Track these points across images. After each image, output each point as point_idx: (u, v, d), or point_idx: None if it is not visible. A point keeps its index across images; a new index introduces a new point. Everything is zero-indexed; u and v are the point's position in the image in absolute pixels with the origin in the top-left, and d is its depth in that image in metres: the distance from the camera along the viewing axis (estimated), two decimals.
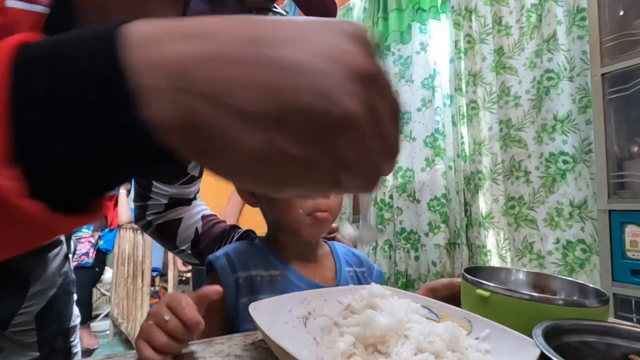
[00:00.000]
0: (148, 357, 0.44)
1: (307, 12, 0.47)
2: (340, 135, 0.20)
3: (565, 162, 1.58)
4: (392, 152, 0.23)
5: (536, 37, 1.66)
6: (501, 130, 1.73)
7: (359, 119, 0.20)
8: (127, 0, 0.41)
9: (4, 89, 0.17)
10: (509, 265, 1.69)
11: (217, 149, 0.19)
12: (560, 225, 1.57)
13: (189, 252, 0.80)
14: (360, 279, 0.72)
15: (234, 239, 0.77)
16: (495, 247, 1.79)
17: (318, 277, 0.67)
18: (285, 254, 0.66)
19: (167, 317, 0.45)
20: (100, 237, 3.38)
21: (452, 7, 1.94)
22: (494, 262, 1.77)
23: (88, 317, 3.10)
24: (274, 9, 0.45)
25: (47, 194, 0.18)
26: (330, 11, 0.48)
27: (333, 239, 0.79)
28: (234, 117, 0.18)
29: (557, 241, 1.57)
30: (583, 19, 1.53)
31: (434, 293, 0.69)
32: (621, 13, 1.26)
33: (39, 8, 0.40)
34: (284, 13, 0.47)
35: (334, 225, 0.76)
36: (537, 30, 1.65)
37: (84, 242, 3.20)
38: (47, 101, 0.18)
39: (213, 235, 0.80)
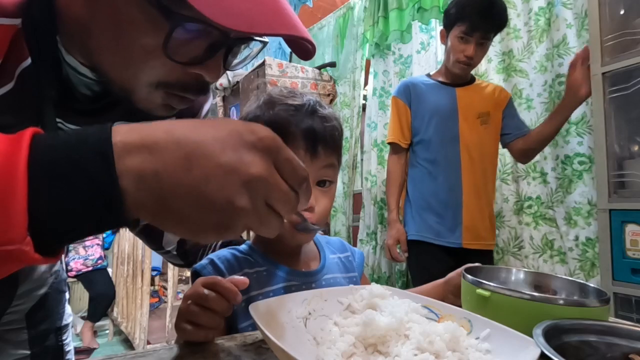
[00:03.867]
0: (193, 334, 0.47)
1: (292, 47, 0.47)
2: (234, 220, 0.31)
3: (581, 163, 1.60)
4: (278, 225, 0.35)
5: (546, 40, 1.68)
6: None
7: (244, 209, 0.31)
8: (111, 27, 0.42)
9: (22, 192, 0.26)
10: (524, 263, 1.73)
11: (161, 225, 0.32)
12: (579, 223, 1.59)
13: (174, 252, 0.80)
14: (345, 265, 0.72)
15: (219, 243, 0.77)
16: (507, 246, 1.81)
17: (303, 266, 0.66)
18: (271, 254, 0.65)
19: (206, 292, 0.48)
20: (103, 239, 3.39)
21: None
22: (506, 260, 1.80)
23: (104, 313, 3.10)
24: (256, 38, 0.46)
25: (44, 251, 0.28)
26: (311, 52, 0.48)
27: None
28: (172, 213, 0.30)
29: (577, 238, 1.60)
30: None
31: (450, 283, 0.71)
32: (622, 12, 1.25)
33: (8, 21, 0.42)
34: (267, 41, 0.48)
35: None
36: (547, 34, 1.68)
37: (94, 246, 3.19)
38: (53, 201, 0.27)
39: None
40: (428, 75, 1.70)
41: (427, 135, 1.59)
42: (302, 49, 0.47)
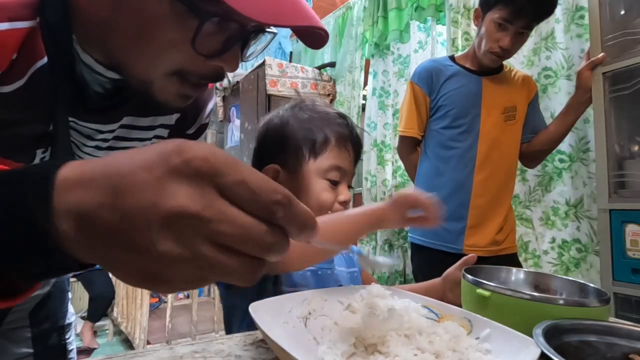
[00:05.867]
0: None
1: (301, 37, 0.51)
2: (169, 268, 0.24)
3: (561, 160, 1.57)
4: (227, 273, 0.25)
5: (534, 35, 1.66)
6: None
7: (175, 256, 0.24)
8: (136, 23, 0.43)
9: None
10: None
11: (106, 264, 0.26)
12: (556, 224, 1.56)
13: None
14: (347, 260, 0.77)
15: None
16: None
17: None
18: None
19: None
20: None
21: (451, 5, 1.94)
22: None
23: (103, 313, 3.10)
24: (268, 30, 0.50)
25: None
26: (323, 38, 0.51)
27: None
28: (103, 256, 0.25)
29: (553, 240, 1.57)
30: (582, 17, 1.52)
31: (448, 279, 0.74)
32: (622, 12, 1.25)
33: (23, 24, 0.43)
34: (276, 32, 0.51)
35: None
36: (536, 28, 1.65)
37: None
38: None
39: None
40: (451, 58, 1.49)
41: (442, 127, 1.42)
42: (316, 38, 0.49)
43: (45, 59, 0.46)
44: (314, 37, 0.50)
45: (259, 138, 0.75)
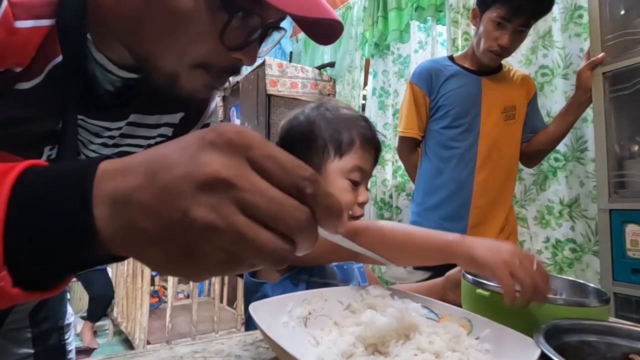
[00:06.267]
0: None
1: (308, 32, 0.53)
2: (202, 239, 0.24)
3: (557, 159, 1.57)
4: (261, 248, 0.25)
5: (532, 34, 1.65)
6: None
7: (207, 223, 0.24)
8: (167, 18, 0.44)
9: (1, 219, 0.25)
10: None
11: (142, 245, 0.26)
12: (551, 223, 1.56)
13: None
14: None
15: None
16: None
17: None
18: None
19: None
20: None
21: (451, 5, 1.94)
22: None
23: (103, 313, 3.10)
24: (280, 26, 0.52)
25: (23, 285, 0.27)
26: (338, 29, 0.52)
27: None
28: (141, 237, 0.26)
29: (547, 240, 1.57)
30: (580, 16, 1.52)
31: (449, 279, 0.73)
32: (622, 12, 1.25)
33: (46, 22, 0.44)
34: (286, 30, 0.53)
35: None
36: (533, 27, 1.64)
37: None
38: (30, 231, 0.26)
39: None
40: (450, 58, 1.50)
41: (442, 127, 1.42)
42: (329, 33, 0.52)
43: (60, 57, 0.47)
44: (327, 31, 0.51)
45: (283, 134, 0.77)
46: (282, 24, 0.52)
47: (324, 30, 0.51)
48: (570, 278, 0.62)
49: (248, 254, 0.25)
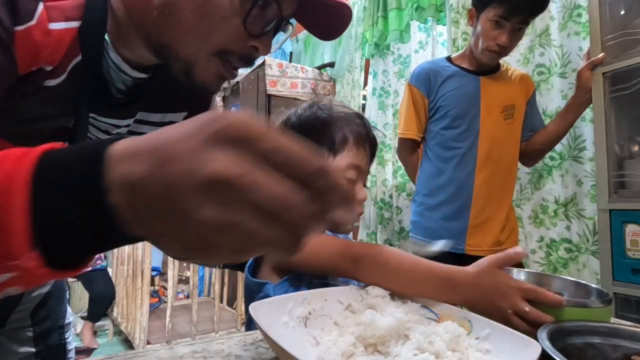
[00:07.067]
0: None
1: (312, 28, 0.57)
2: (210, 236, 0.24)
3: (552, 158, 1.57)
4: (259, 242, 0.25)
5: (530, 33, 1.65)
6: None
7: (213, 224, 0.24)
8: (196, 6, 0.47)
9: (21, 208, 0.26)
10: None
11: (155, 235, 0.27)
12: (545, 223, 1.56)
13: None
14: None
15: None
16: None
17: None
18: None
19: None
20: None
21: (451, 5, 1.93)
22: None
23: (103, 313, 3.10)
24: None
25: (52, 264, 0.28)
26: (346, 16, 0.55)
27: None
28: (151, 226, 0.26)
29: (541, 239, 1.56)
30: (579, 15, 1.52)
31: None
32: (622, 12, 1.25)
33: (75, 23, 0.47)
34: (294, 24, 0.57)
35: None
36: (532, 26, 1.63)
37: None
38: (55, 213, 0.27)
39: None
40: (448, 58, 1.50)
41: (442, 127, 1.42)
42: (336, 23, 0.55)
43: (80, 57, 0.49)
44: (334, 20, 0.55)
45: None
46: None
47: (330, 20, 0.54)
48: (572, 279, 0.62)
49: (260, 245, 0.25)
